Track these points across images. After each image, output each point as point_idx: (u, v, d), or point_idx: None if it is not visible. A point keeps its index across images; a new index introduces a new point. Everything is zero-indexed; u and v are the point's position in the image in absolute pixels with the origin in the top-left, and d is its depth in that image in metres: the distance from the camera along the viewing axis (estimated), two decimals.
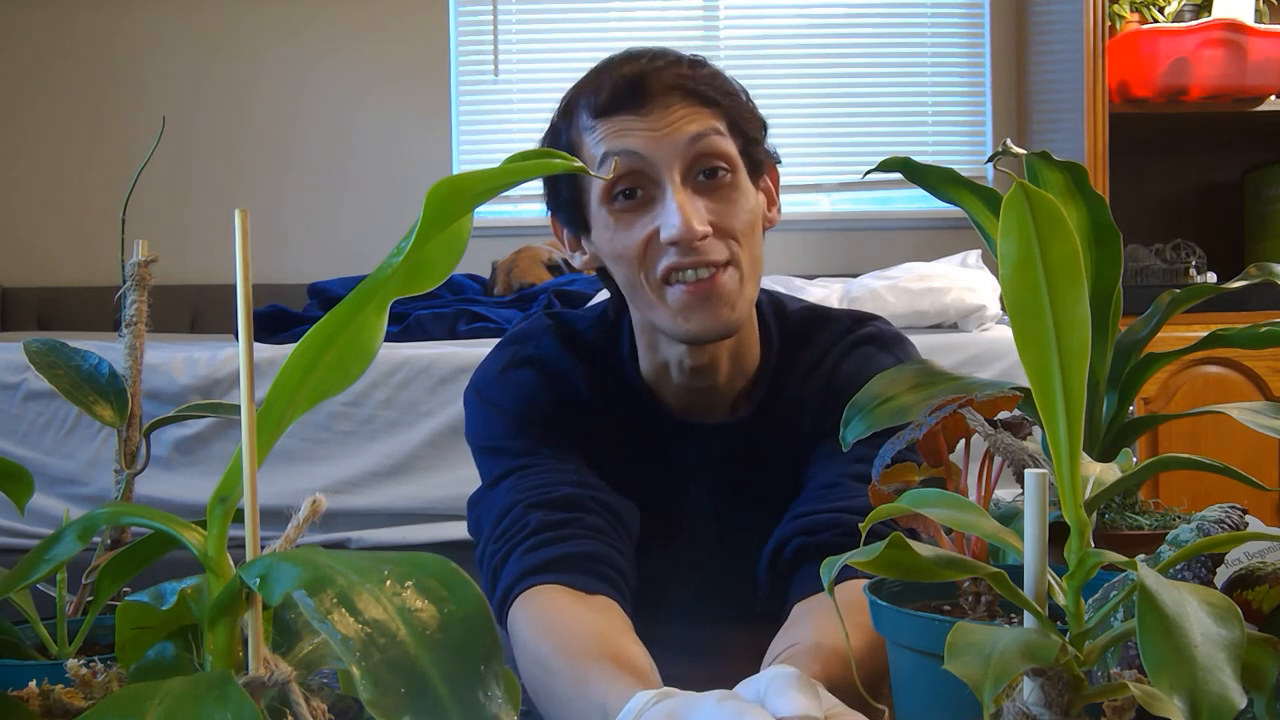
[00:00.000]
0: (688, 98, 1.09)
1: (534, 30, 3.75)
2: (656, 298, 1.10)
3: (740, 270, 1.09)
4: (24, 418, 2.30)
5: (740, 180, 1.11)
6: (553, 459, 1.13)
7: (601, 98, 1.09)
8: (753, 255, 1.11)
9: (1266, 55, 3.05)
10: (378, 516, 2.29)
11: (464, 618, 0.40)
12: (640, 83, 1.08)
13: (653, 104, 1.08)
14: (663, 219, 1.07)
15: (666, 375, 1.17)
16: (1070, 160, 0.92)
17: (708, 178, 1.09)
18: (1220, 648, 0.44)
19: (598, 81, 1.11)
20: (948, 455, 0.72)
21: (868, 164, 1.00)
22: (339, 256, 3.59)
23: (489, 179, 0.47)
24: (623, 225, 1.10)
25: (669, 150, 1.07)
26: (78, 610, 0.72)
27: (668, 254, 1.08)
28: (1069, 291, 0.50)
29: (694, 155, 1.08)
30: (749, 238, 1.11)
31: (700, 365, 1.14)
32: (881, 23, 3.77)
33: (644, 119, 1.08)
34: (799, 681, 0.70)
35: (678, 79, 1.09)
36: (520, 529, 1.05)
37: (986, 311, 2.52)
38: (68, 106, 3.67)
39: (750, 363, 1.19)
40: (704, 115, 1.09)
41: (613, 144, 1.08)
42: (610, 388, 1.19)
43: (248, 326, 0.47)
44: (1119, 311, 0.95)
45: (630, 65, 1.10)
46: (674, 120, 1.08)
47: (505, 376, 1.19)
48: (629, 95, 1.08)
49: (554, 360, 1.19)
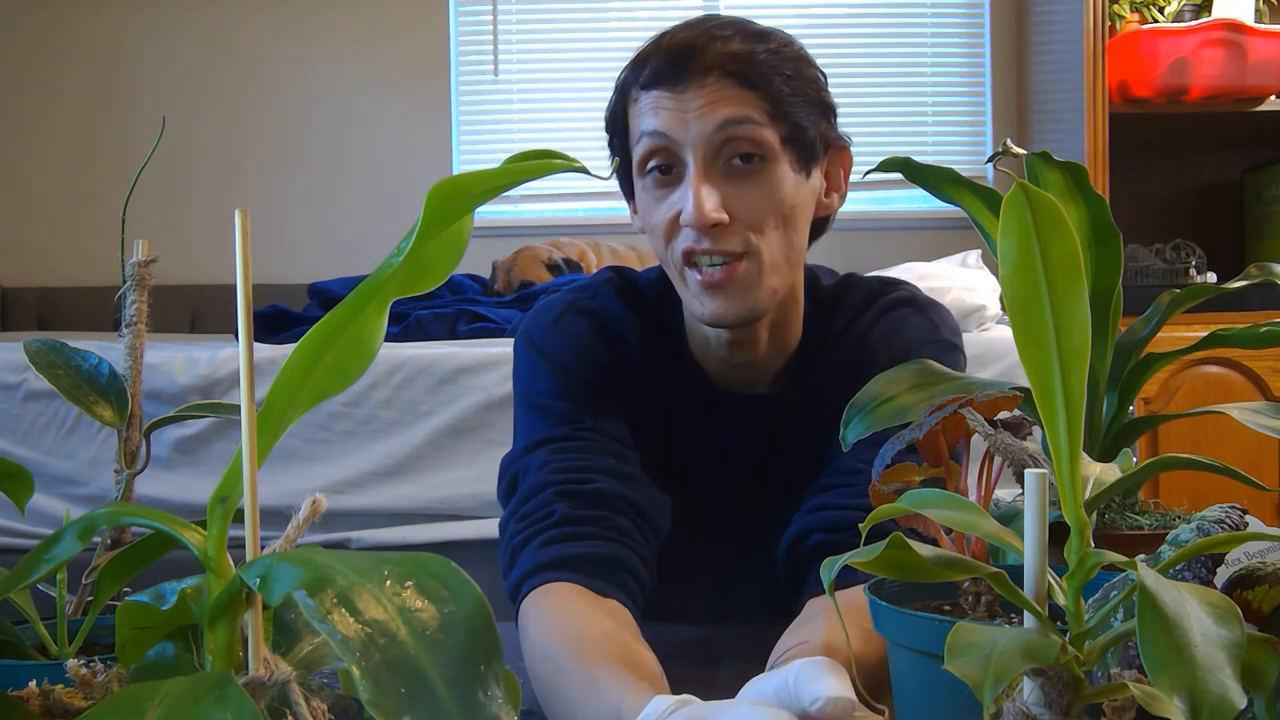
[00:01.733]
0: (728, 78, 1.06)
1: (534, 30, 3.75)
2: (679, 276, 1.11)
3: (759, 262, 1.08)
4: (24, 418, 2.30)
5: (774, 169, 1.08)
6: (594, 432, 1.12)
7: (646, 71, 1.09)
8: (784, 244, 1.10)
9: (1266, 55, 3.05)
10: (378, 516, 2.29)
11: (464, 618, 0.40)
12: (683, 58, 1.07)
13: (688, 83, 1.06)
14: (682, 201, 1.07)
15: (709, 348, 1.18)
16: (1070, 160, 0.92)
17: (742, 161, 1.07)
18: (1220, 648, 0.44)
19: (649, 52, 1.10)
20: (948, 455, 0.72)
21: (868, 164, 1.00)
22: (339, 256, 3.59)
23: (489, 179, 0.47)
24: (654, 199, 1.11)
25: (695, 133, 1.06)
26: (78, 610, 0.72)
27: (685, 235, 1.08)
28: (1069, 291, 0.50)
29: (721, 140, 1.06)
30: (779, 228, 1.09)
31: (738, 340, 1.15)
32: (881, 23, 3.77)
33: (678, 97, 1.07)
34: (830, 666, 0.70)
35: (723, 57, 1.06)
36: (545, 516, 1.04)
37: (986, 311, 2.52)
38: (68, 106, 3.67)
39: (791, 339, 1.19)
40: (742, 99, 1.06)
41: (648, 121, 1.08)
42: (662, 346, 1.19)
43: (248, 326, 0.47)
44: (1119, 311, 0.95)
45: (684, 34, 1.09)
46: (707, 102, 1.06)
47: (560, 324, 1.18)
48: (669, 70, 1.07)
49: (610, 313, 1.19)
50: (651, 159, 1.09)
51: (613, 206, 3.70)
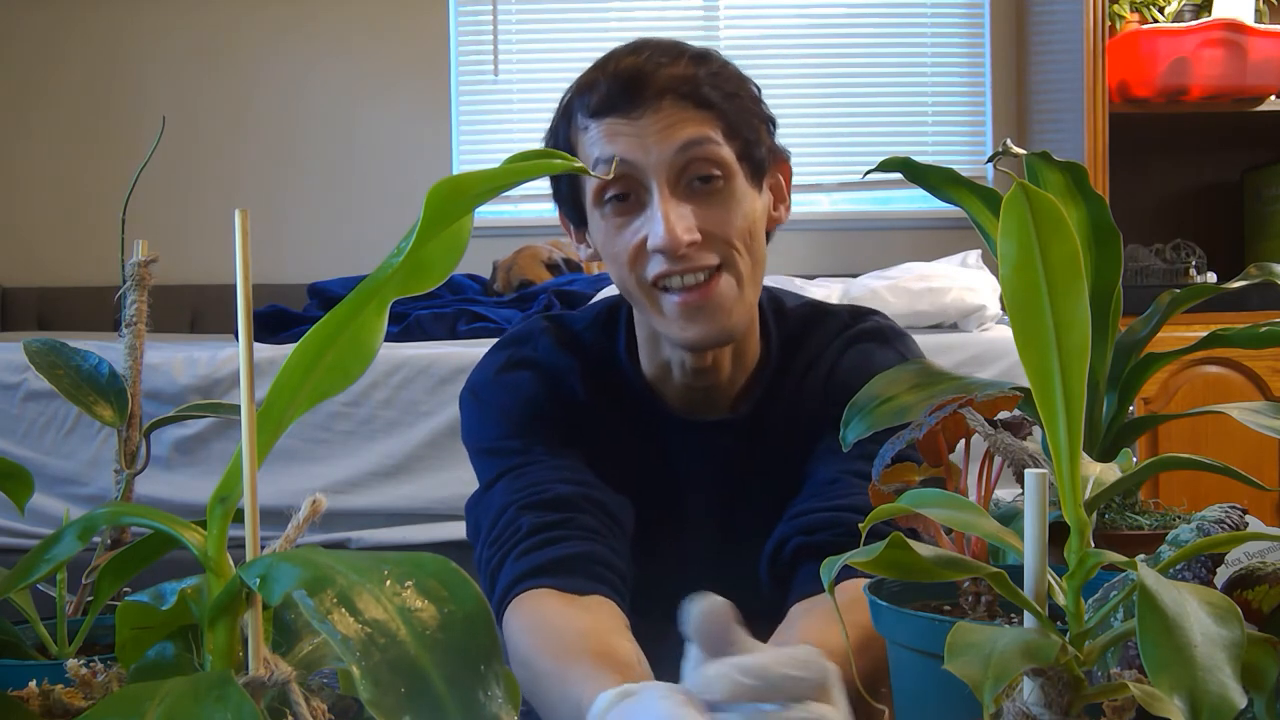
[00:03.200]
0: (682, 101, 1.06)
1: (534, 30, 3.75)
2: (650, 303, 1.09)
3: (737, 275, 1.08)
4: (24, 418, 2.30)
5: (735, 186, 1.08)
6: (547, 456, 1.11)
7: (595, 99, 1.07)
8: (752, 259, 1.10)
9: (1266, 55, 3.05)
10: (378, 516, 2.29)
11: (464, 618, 0.40)
12: (634, 83, 1.06)
13: (644, 107, 1.05)
14: (649, 227, 1.06)
15: (669, 375, 1.16)
16: (1070, 160, 0.92)
17: (702, 183, 1.07)
18: (1220, 648, 0.44)
19: (594, 79, 1.08)
20: (948, 455, 0.72)
21: (868, 164, 1.00)
22: (339, 256, 3.58)
23: (489, 179, 0.47)
24: (614, 228, 1.09)
25: (657, 158, 1.05)
26: (78, 610, 0.72)
27: (656, 261, 1.06)
28: (1069, 291, 0.50)
29: (684, 162, 1.06)
30: (746, 242, 1.09)
31: (702, 367, 1.13)
32: (881, 23, 3.77)
33: (634, 123, 1.06)
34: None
35: (673, 80, 1.06)
36: (513, 533, 1.04)
37: (986, 311, 2.52)
38: (68, 106, 3.67)
39: (751, 360, 1.18)
40: (698, 120, 1.06)
41: (603, 148, 1.06)
42: (609, 387, 1.18)
43: (248, 326, 0.47)
44: (1119, 311, 0.95)
45: (629, 60, 1.07)
46: (665, 126, 1.05)
47: (501, 378, 1.18)
48: (621, 97, 1.06)
49: (551, 361, 1.17)
50: (610, 188, 1.07)
51: None
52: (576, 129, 1.10)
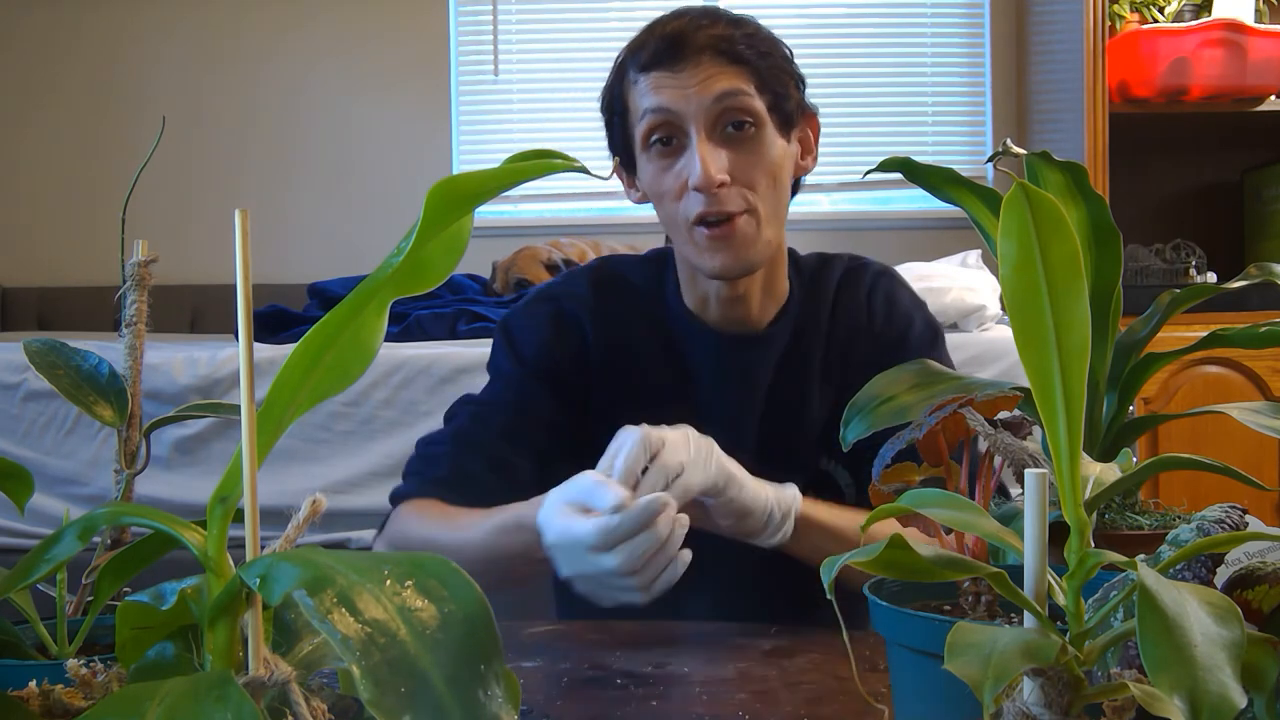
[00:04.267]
0: (719, 57, 1.21)
1: (534, 30, 3.75)
2: (687, 235, 1.24)
3: (757, 217, 1.23)
4: (24, 418, 2.30)
5: (765, 134, 1.23)
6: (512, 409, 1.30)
7: (644, 55, 1.23)
8: (775, 202, 1.25)
9: (1266, 55, 3.05)
10: (378, 516, 2.28)
11: (464, 618, 0.40)
12: (678, 41, 1.21)
13: (686, 62, 1.21)
14: (689, 167, 1.20)
15: (707, 305, 1.32)
16: (1070, 160, 0.92)
17: (736, 129, 1.21)
18: (1220, 648, 0.44)
19: (644, 39, 1.24)
20: (948, 455, 0.72)
21: (868, 164, 1.00)
22: (339, 256, 3.58)
23: (489, 179, 0.47)
24: (659, 169, 1.24)
25: (696, 106, 1.20)
26: (78, 610, 0.72)
27: (694, 199, 1.21)
28: (1069, 291, 0.50)
29: (719, 111, 1.21)
30: (770, 187, 1.24)
31: (734, 296, 1.29)
32: (881, 23, 3.77)
33: (677, 76, 1.21)
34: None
35: (712, 39, 1.21)
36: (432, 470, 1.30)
37: (986, 311, 2.52)
38: (68, 106, 3.67)
39: (781, 294, 1.34)
40: (733, 74, 1.21)
41: (650, 99, 1.22)
42: (652, 318, 1.34)
43: (248, 326, 0.47)
44: (1119, 311, 0.95)
45: (674, 23, 1.23)
46: (704, 78, 1.20)
47: (523, 312, 1.36)
48: (667, 53, 1.21)
49: (575, 301, 1.34)
50: (655, 132, 1.23)
51: (613, 206, 3.70)
52: (628, 84, 1.26)
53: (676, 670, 0.93)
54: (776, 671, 0.95)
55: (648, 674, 0.95)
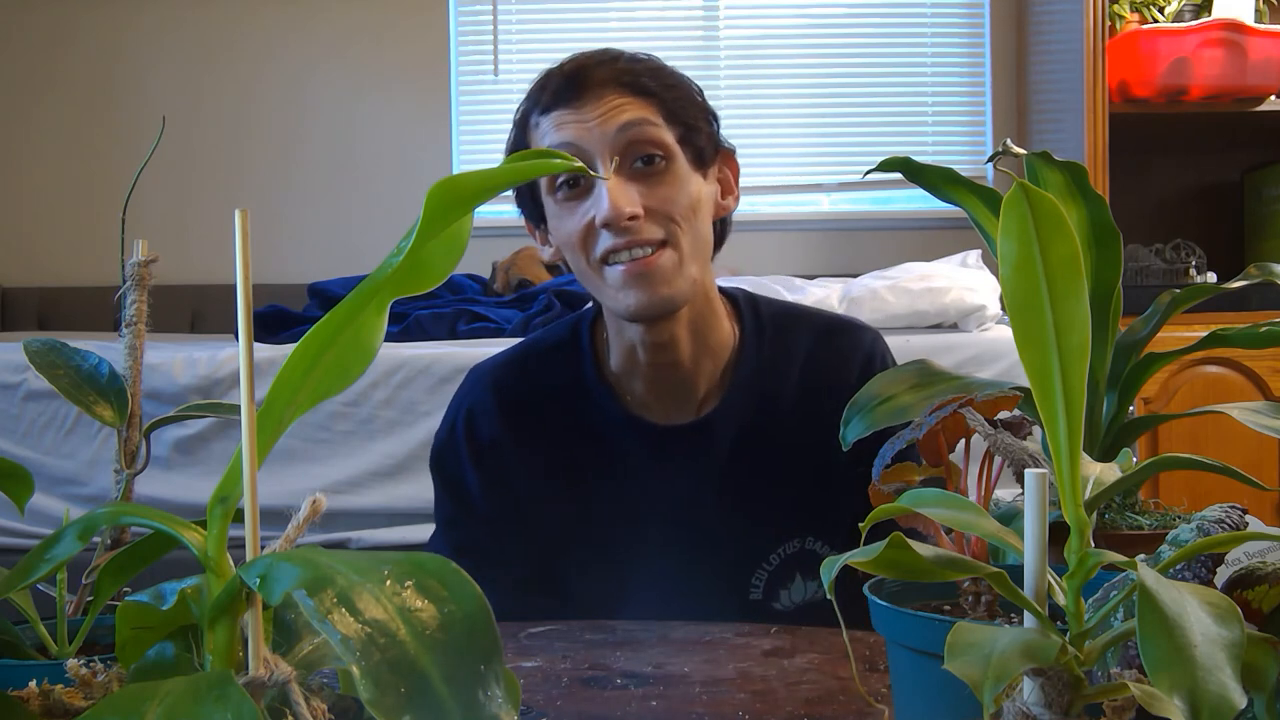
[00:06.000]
0: (622, 90, 1.15)
1: (534, 30, 3.75)
2: (599, 279, 1.16)
3: (679, 251, 1.15)
4: (24, 418, 2.30)
5: (677, 167, 1.16)
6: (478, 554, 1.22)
7: (545, 96, 1.17)
8: (695, 236, 1.16)
9: (1266, 55, 3.05)
10: (378, 516, 2.29)
11: (464, 618, 0.40)
12: (578, 77, 1.15)
13: (587, 96, 1.15)
14: (596, 204, 1.13)
15: (635, 361, 1.22)
16: (1070, 160, 0.92)
17: (645, 164, 1.15)
18: (1220, 648, 0.44)
19: (543, 83, 1.18)
20: (948, 455, 0.72)
21: (868, 164, 1.00)
22: (339, 256, 3.58)
23: (489, 179, 0.47)
24: (566, 212, 1.16)
25: (601, 139, 1.14)
26: (78, 610, 0.72)
27: (604, 237, 1.13)
28: (1069, 291, 0.50)
29: (625, 142, 1.14)
30: (689, 221, 1.16)
31: (660, 342, 1.19)
32: (881, 23, 3.77)
33: (579, 111, 1.15)
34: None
35: (615, 73, 1.16)
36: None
37: (986, 311, 2.52)
38: (68, 106, 3.67)
39: (718, 348, 1.24)
40: (637, 105, 1.15)
41: (553, 137, 1.15)
42: (579, 424, 1.25)
43: (248, 326, 0.47)
44: (1119, 311, 0.95)
45: (573, 63, 1.18)
46: (606, 111, 1.14)
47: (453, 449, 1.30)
48: (567, 90, 1.15)
49: (491, 431, 1.27)
50: (560, 175, 1.15)
51: None
52: (530, 129, 1.19)
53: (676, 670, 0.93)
54: (776, 671, 0.95)
55: (648, 674, 0.95)
